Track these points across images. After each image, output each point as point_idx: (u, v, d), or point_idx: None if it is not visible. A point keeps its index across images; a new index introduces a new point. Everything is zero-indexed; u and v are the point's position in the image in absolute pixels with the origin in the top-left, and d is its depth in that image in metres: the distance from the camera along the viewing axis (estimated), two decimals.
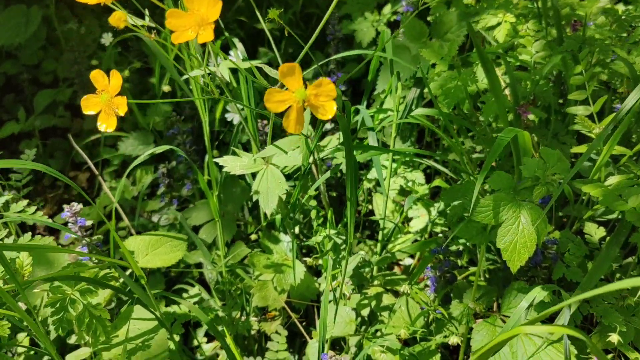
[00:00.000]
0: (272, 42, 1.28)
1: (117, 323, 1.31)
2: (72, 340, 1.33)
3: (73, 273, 1.13)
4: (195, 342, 1.64)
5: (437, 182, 1.67)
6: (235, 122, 1.73)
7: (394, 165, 1.84)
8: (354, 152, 1.26)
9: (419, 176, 1.84)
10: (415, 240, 1.64)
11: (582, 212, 1.46)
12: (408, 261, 1.75)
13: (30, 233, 1.34)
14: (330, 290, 1.40)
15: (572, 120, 1.46)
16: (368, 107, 1.91)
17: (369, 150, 1.42)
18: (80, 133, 2.37)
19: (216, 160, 1.43)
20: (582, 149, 1.35)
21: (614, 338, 1.19)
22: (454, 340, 1.32)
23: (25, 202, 1.44)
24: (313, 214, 1.51)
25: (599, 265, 1.23)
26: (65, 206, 1.32)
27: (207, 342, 1.67)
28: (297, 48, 2.23)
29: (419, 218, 1.75)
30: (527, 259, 1.13)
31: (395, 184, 1.84)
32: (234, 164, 1.41)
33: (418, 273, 1.45)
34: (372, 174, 1.88)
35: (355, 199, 1.22)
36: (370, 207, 1.89)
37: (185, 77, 1.36)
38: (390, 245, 1.62)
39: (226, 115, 1.74)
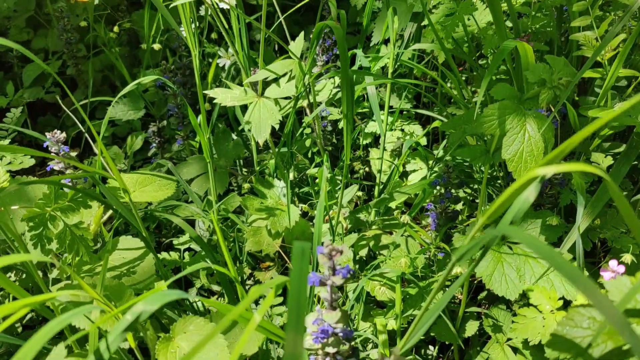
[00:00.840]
0: None
1: (102, 255, 1.24)
2: (54, 274, 1.26)
3: (54, 189, 1.07)
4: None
5: (436, 123, 1.61)
6: (226, 66, 1.68)
7: (390, 119, 1.78)
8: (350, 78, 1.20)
9: (416, 128, 1.79)
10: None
11: (587, 146, 1.40)
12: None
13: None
14: (325, 222, 1.34)
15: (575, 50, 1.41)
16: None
17: (364, 76, 1.36)
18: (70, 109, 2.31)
19: (206, 92, 1.38)
20: (587, 73, 1.30)
21: (627, 258, 1.13)
22: (456, 270, 1.25)
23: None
24: (308, 142, 1.45)
25: (602, 193, 1.17)
26: (47, 133, 1.26)
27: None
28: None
29: (418, 172, 1.69)
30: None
31: (392, 137, 1.79)
32: (225, 95, 1.36)
33: (419, 204, 1.38)
34: (370, 127, 1.83)
35: (351, 115, 1.17)
36: (367, 169, 1.83)
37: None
38: (388, 189, 1.56)
39: (218, 61, 1.69)
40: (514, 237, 0.64)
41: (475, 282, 1.57)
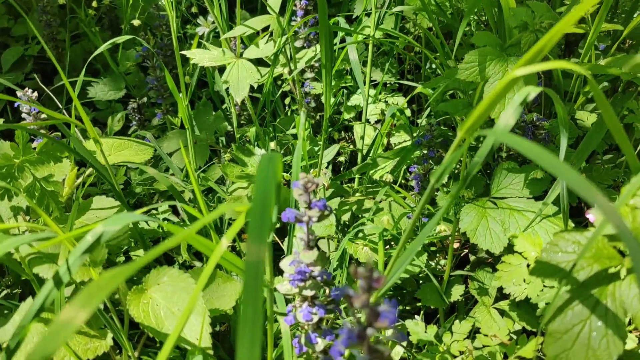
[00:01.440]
0: None
1: (74, 212, 1.19)
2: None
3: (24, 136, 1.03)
4: None
5: (419, 89, 1.59)
6: (205, 34, 1.65)
7: (373, 91, 1.76)
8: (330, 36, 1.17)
9: (400, 100, 1.77)
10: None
11: (572, 107, 1.38)
12: None
13: None
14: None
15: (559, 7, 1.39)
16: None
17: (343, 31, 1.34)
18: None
19: (184, 52, 1.35)
20: (570, 29, 1.28)
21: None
22: (441, 227, 1.22)
23: None
24: (287, 100, 1.42)
25: (594, 132, 1.14)
26: (18, 92, 1.22)
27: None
28: None
29: (402, 144, 1.67)
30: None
31: (376, 109, 1.76)
32: (202, 56, 1.33)
33: (402, 162, 1.35)
34: (353, 100, 1.80)
35: (330, 66, 1.14)
36: (352, 146, 1.80)
37: None
38: (372, 154, 1.53)
39: (197, 30, 1.65)
40: (507, 142, 0.61)
41: (462, 254, 1.54)
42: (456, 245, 1.57)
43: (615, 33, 1.43)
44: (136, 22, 1.88)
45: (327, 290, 0.92)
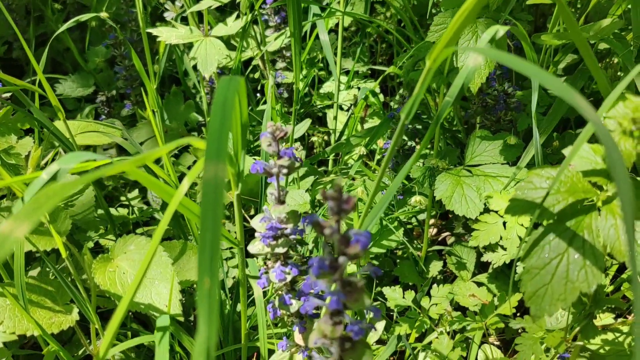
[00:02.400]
0: None
1: None
2: None
3: None
4: None
5: (392, 68, 1.58)
6: (173, 19, 1.63)
7: (344, 79, 1.75)
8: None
9: (372, 86, 1.76)
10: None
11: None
12: None
13: None
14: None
15: None
16: None
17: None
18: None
19: (150, 30, 1.32)
20: None
21: None
22: (416, 198, 1.21)
23: None
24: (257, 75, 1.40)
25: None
26: None
27: None
28: None
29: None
30: (487, 76, 1.04)
31: (349, 95, 1.75)
32: (170, 34, 1.30)
33: (376, 136, 1.33)
34: (325, 88, 1.79)
35: (299, 35, 1.12)
36: (326, 137, 1.79)
37: None
38: (345, 137, 1.51)
39: (165, 15, 1.63)
40: (487, 54, 0.59)
41: (439, 238, 1.53)
42: (434, 230, 1.55)
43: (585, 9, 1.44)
44: (103, 15, 1.85)
45: (300, 249, 0.89)
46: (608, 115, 0.64)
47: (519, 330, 1.16)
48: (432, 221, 1.52)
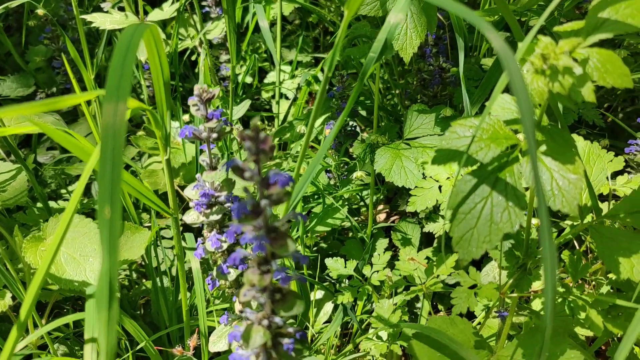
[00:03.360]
0: None
1: None
2: None
3: None
4: None
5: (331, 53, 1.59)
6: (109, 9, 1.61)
7: (289, 69, 1.76)
8: None
9: (319, 75, 1.77)
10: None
11: (478, 57, 1.42)
12: None
13: None
14: None
15: None
16: None
17: None
18: None
19: (84, 16, 1.30)
20: None
21: None
22: (357, 174, 1.21)
23: None
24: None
25: (493, 68, 1.17)
26: None
27: None
28: None
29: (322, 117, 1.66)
30: (419, 46, 1.06)
31: (293, 84, 1.76)
32: (104, 19, 1.29)
33: (316, 115, 1.33)
34: (269, 78, 1.80)
35: (233, 13, 1.12)
36: (268, 113, 1.79)
37: None
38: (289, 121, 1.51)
39: (101, 5, 1.61)
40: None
41: (388, 222, 1.54)
42: (384, 216, 1.56)
43: None
44: (40, 12, 1.81)
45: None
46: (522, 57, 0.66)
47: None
48: (380, 206, 1.54)
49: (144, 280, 1.33)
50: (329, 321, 1.23)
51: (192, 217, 0.86)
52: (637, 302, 0.79)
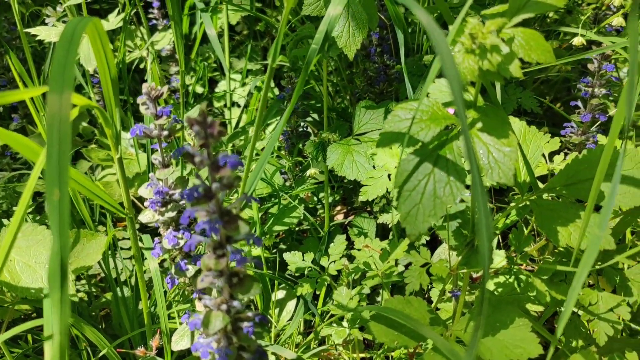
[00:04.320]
0: None
1: None
2: None
3: None
4: None
5: (281, 57, 1.62)
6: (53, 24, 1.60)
7: (239, 77, 1.78)
8: None
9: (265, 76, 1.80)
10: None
11: (421, 55, 1.47)
12: None
13: None
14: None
15: None
16: None
17: None
18: None
19: (28, 30, 1.30)
20: None
21: None
22: (311, 171, 1.24)
23: None
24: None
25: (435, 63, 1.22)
26: None
27: None
28: None
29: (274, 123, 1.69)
30: (362, 39, 1.10)
31: (244, 92, 1.78)
32: (49, 32, 1.29)
33: (268, 116, 1.36)
34: (220, 87, 1.82)
35: (180, 18, 1.14)
36: (221, 118, 1.80)
37: None
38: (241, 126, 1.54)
39: (46, 20, 1.60)
40: None
41: (346, 221, 1.57)
42: (341, 216, 1.59)
43: None
44: None
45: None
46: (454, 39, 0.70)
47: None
48: (338, 207, 1.57)
49: (103, 294, 1.32)
50: (292, 320, 1.25)
51: (147, 216, 0.87)
52: (575, 267, 0.84)
